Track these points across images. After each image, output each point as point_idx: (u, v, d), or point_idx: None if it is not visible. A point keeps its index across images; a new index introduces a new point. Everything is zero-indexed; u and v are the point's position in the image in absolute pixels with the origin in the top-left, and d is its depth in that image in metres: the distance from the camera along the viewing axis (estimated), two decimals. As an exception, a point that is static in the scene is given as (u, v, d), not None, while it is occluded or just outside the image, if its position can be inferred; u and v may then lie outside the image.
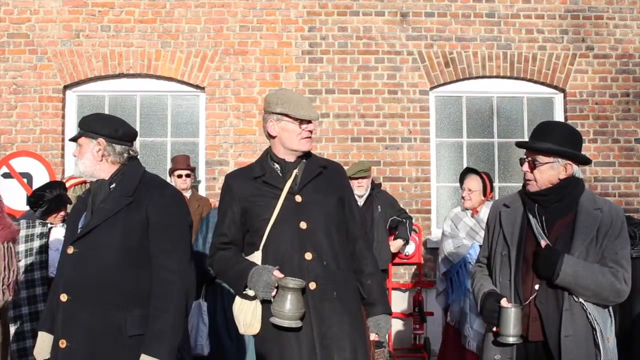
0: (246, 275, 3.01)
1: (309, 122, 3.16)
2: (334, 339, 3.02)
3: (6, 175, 7.27)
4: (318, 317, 3.02)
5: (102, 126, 3.08)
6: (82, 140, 3.08)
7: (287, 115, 3.14)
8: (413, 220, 7.40)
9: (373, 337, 3.18)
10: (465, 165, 7.67)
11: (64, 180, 6.16)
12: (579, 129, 7.71)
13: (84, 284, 2.87)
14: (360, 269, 3.22)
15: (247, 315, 3.07)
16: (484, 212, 5.40)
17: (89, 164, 3.05)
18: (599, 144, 7.76)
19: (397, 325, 7.41)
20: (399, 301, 7.42)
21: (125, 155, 3.11)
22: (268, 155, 3.27)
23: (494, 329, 3.09)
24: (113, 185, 3.03)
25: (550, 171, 3.10)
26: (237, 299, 3.12)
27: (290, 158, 3.21)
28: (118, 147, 3.09)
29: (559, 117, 7.88)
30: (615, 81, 7.81)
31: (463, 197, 5.57)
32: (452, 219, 5.68)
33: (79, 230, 2.97)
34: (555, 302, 3.01)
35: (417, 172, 7.65)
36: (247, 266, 3.04)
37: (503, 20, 7.79)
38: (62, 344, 2.88)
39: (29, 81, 7.53)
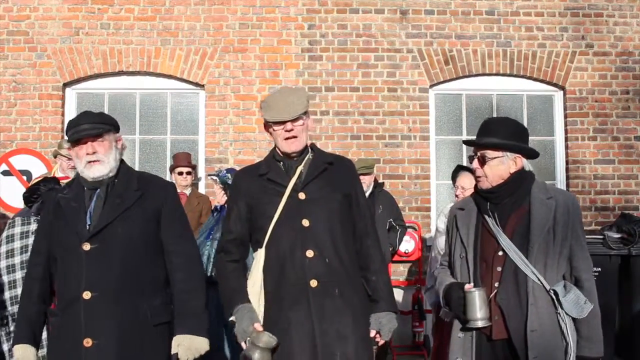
0: (233, 307, 3.05)
1: (286, 122, 3.11)
2: (336, 337, 3.00)
3: (6, 173, 7.28)
4: (319, 315, 3.01)
5: (115, 122, 3.18)
6: (107, 135, 3.07)
7: (265, 119, 3.18)
8: (413, 218, 7.42)
9: (372, 334, 3.12)
10: (464, 163, 7.67)
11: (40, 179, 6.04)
12: (578, 126, 7.74)
13: (109, 278, 2.89)
14: (366, 266, 3.18)
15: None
16: None
17: (115, 158, 3.08)
18: (599, 141, 7.76)
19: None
20: (398, 299, 7.43)
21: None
22: (273, 153, 3.25)
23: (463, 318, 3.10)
24: (116, 180, 3.06)
25: (501, 166, 3.09)
26: None
27: (292, 155, 3.19)
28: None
29: (558, 114, 7.88)
30: (615, 79, 7.81)
31: (457, 195, 5.57)
32: (447, 216, 5.67)
33: (87, 227, 2.96)
34: (517, 298, 2.99)
35: (417, 170, 7.65)
36: (237, 296, 3.07)
37: (503, 18, 7.79)
38: (88, 343, 2.85)
39: (28, 79, 7.52)
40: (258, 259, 3.10)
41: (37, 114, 7.50)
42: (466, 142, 3.31)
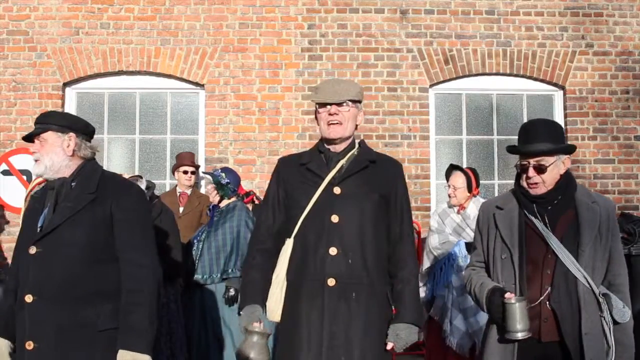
0: (242, 305, 3.06)
1: (330, 105, 3.04)
2: (343, 341, 2.93)
3: (6, 173, 7.28)
4: (331, 316, 2.93)
5: (72, 121, 3.10)
6: (48, 134, 3.03)
7: (314, 102, 3.12)
8: (413, 218, 7.41)
9: (389, 346, 2.99)
10: (465, 163, 7.68)
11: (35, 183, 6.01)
12: (578, 126, 7.75)
13: (51, 283, 2.85)
14: (395, 273, 3.06)
15: (271, 302, 3.06)
16: (471, 208, 5.41)
17: (57, 159, 3.01)
18: (599, 141, 7.76)
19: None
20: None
21: (92, 152, 3.13)
22: (318, 144, 3.19)
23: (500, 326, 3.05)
24: (74, 183, 3.01)
25: (555, 169, 3.06)
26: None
27: (335, 148, 3.11)
28: (87, 143, 3.10)
29: (558, 114, 7.88)
30: (615, 78, 7.81)
31: (449, 195, 5.59)
32: (440, 215, 5.67)
33: (39, 230, 2.94)
34: (569, 301, 2.98)
35: (417, 170, 7.65)
36: (248, 295, 3.07)
37: (503, 18, 7.79)
38: (29, 345, 2.84)
39: (28, 78, 7.52)
40: (286, 248, 3.06)
41: (37, 114, 7.43)
42: (511, 150, 3.16)
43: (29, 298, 2.86)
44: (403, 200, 3.16)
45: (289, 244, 3.05)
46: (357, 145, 3.17)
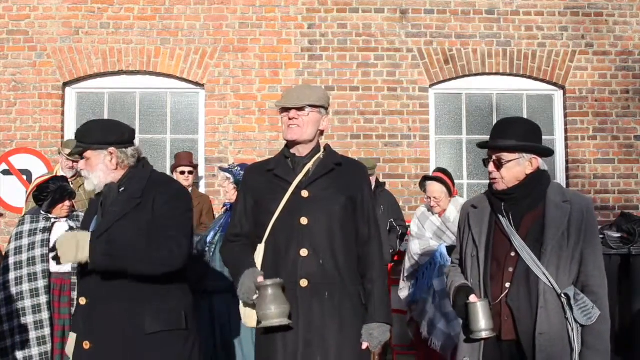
0: (237, 280, 3.03)
1: (290, 109, 3.11)
2: (319, 340, 2.96)
3: (6, 172, 7.29)
4: (305, 316, 2.97)
5: (108, 134, 3.08)
6: (89, 153, 3.06)
7: (277, 107, 3.20)
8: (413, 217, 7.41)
9: (364, 346, 3.02)
10: (464, 163, 7.69)
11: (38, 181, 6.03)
12: (578, 126, 7.75)
13: (100, 286, 2.92)
14: (364, 273, 3.11)
15: (246, 308, 3.08)
16: (450, 210, 5.41)
17: (103, 175, 3.05)
18: (599, 140, 7.76)
19: (395, 321, 7.40)
20: (398, 297, 7.42)
21: (137, 156, 3.13)
22: (284, 149, 3.24)
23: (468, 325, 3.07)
24: (122, 188, 3.04)
25: (517, 167, 3.06)
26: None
27: (300, 152, 3.16)
28: (129, 151, 3.10)
29: (558, 114, 7.89)
30: (615, 78, 7.81)
31: (432, 206, 5.55)
32: (419, 218, 5.65)
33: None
34: (528, 300, 2.96)
35: (417, 170, 7.65)
36: (241, 268, 3.04)
37: (503, 17, 7.79)
38: (86, 345, 2.93)
39: (28, 78, 7.52)
40: (257, 253, 3.09)
41: (37, 114, 7.50)
42: (480, 145, 3.22)
43: (82, 300, 2.97)
44: (368, 201, 3.19)
45: (260, 249, 3.09)
46: (322, 150, 3.22)
